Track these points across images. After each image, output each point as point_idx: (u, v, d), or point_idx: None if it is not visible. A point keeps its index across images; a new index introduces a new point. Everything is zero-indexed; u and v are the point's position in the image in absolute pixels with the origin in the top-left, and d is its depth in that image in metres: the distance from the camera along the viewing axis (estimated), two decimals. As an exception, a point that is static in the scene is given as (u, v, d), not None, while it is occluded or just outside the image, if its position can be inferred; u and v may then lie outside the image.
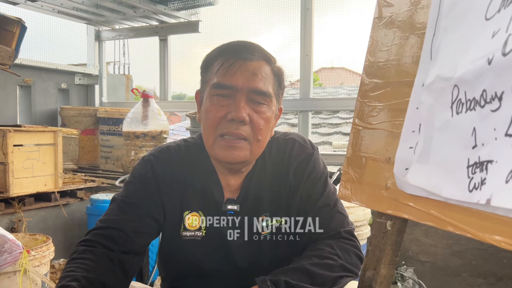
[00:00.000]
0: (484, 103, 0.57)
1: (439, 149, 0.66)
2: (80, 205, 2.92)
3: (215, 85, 1.12)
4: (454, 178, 0.62)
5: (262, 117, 1.12)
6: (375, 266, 0.78)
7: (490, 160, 0.56)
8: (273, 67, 1.16)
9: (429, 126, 0.69)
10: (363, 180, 0.82)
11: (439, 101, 0.67)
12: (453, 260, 2.73)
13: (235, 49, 1.14)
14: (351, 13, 3.33)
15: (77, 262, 1.06)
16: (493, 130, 0.55)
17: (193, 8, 3.81)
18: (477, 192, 0.57)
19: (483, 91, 0.57)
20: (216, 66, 1.13)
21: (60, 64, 4.09)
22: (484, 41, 0.57)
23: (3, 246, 1.82)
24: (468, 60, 0.61)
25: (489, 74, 0.55)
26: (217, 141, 1.11)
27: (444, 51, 0.68)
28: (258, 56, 1.13)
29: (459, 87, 0.63)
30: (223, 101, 1.11)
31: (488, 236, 0.54)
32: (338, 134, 4.59)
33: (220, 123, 1.10)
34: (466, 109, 0.61)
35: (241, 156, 1.11)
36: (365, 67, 0.87)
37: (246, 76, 1.10)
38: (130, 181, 1.22)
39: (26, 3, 3.44)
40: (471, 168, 0.59)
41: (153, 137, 3.26)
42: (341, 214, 1.21)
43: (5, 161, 2.46)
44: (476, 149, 0.58)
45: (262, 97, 1.11)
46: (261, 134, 1.12)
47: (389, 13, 0.83)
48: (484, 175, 0.57)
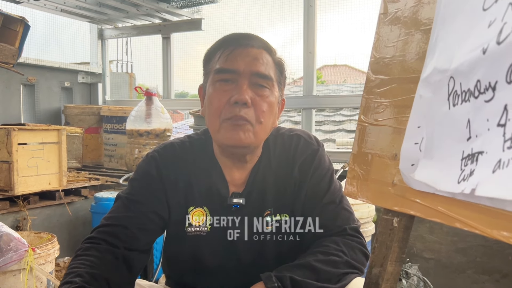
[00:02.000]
0: (478, 93, 0.56)
1: (440, 143, 0.66)
2: (84, 203, 2.93)
3: (217, 70, 1.13)
4: (449, 171, 0.62)
5: (265, 101, 1.13)
6: (382, 263, 0.78)
7: (481, 151, 0.55)
8: (274, 57, 1.17)
9: (430, 120, 0.68)
10: (369, 177, 0.82)
11: (437, 94, 0.67)
12: (457, 257, 2.73)
13: (236, 38, 1.16)
14: (354, 10, 3.32)
15: (81, 259, 1.06)
16: (486, 121, 0.54)
17: (195, 6, 3.81)
18: (464, 183, 0.57)
19: (477, 82, 0.56)
20: (217, 55, 1.15)
21: (64, 62, 4.09)
22: (481, 32, 0.57)
23: (9, 244, 1.82)
24: (464, 51, 0.60)
25: (484, 63, 0.55)
26: (222, 125, 1.12)
27: (441, 43, 0.68)
28: (258, 44, 1.15)
29: (455, 78, 0.62)
30: (225, 86, 1.12)
31: (496, 232, 0.54)
32: (342, 132, 4.58)
33: (224, 108, 1.11)
34: (461, 101, 0.60)
35: (246, 138, 1.11)
36: (370, 63, 0.87)
37: (247, 60, 1.12)
38: (135, 178, 1.22)
39: (29, 2, 3.44)
40: (464, 161, 0.58)
41: (157, 135, 3.26)
42: (347, 211, 1.20)
43: (10, 159, 2.47)
44: (470, 141, 0.58)
45: (264, 80, 1.13)
46: (263, 116, 1.12)
47: (394, 9, 0.83)
48: (474, 166, 0.56)
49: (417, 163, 0.70)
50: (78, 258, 1.07)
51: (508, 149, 0.50)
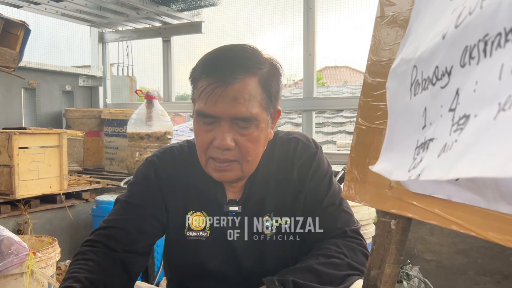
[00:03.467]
0: (436, 80, 0.55)
1: (399, 135, 0.65)
2: (85, 207, 2.93)
3: (198, 113, 1.09)
4: (403, 160, 0.61)
5: (249, 139, 1.08)
6: (380, 265, 0.78)
7: (432, 138, 0.54)
8: (260, 77, 1.08)
9: (392, 112, 0.68)
10: (367, 180, 0.82)
11: (401, 85, 0.66)
12: (458, 259, 2.72)
13: (217, 69, 1.06)
14: (354, 12, 3.32)
15: (80, 263, 1.07)
16: (440, 107, 0.54)
17: (196, 9, 3.81)
18: (412, 170, 0.56)
19: (436, 68, 0.55)
20: (199, 87, 1.08)
21: (64, 66, 4.11)
22: (444, 19, 0.56)
23: (10, 248, 1.83)
24: (428, 39, 0.59)
25: (442, 49, 0.54)
26: (208, 162, 1.11)
27: (412, 35, 0.68)
28: (240, 75, 1.05)
29: (417, 67, 0.61)
30: (208, 127, 1.08)
31: (492, 235, 0.54)
32: (342, 133, 4.58)
33: (208, 147, 1.09)
34: (421, 90, 0.60)
35: (232, 176, 1.11)
36: (367, 66, 0.87)
37: (227, 103, 1.04)
38: (134, 182, 1.23)
39: (29, 6, 3.46)
40: (417, 150, 0.58)
41: (157, 138, 3.27)
42: (347, 213, 1.20)
43: (11, 163, 2.47)
44: (425, 129, 0.57)
45: (246, 122, 1.07)
46: (250, 155, 1.10)
47: (391, 12, 0.83)
48: (424, 154, 0.55)
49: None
50: (76, 262, 1.08)
51: (454, 132, 0.49)
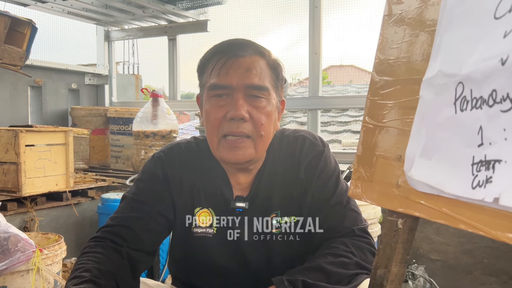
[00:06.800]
0: (493, 102, 0.57)
1: (442, 145, 0.66)
2: (91, 204, 2.95)
3: (210, 86, 1.11)
4: (457, 174, 0.62)
5: (263, 112, 1.10)
6: (386, 264, 0.78)
7: (498, 159, 0.56)
8: (268, 60, 1.14)
9: (431, 121, 0.69)
10: (374, 178, 0.82)
11: (440, 97, 0.67)
12: (464, 259, 2.71)
13: (227, 48, 1.13)
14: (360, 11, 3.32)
15: (88, 255, 1.07)
16: (503, 130, 0.55)
17: (201, 7, 3.82)
18: (481, 189, 0.57)
19: (493, 91, 0.57)
20: (210, 67, 1.12)
21: (70, 64, 4.12)
22: (495, 41, 0.57)
23: (16, 245, 1.84)
24: (477, 59, 0.60)
25: (502, 74, 0.55)
26: (221, 142, 1.11)
27: (446, 46, 0.68)
28: (250, 51, 1.11)
29: (464, 84, 0.62)
30: (221, 101, 1.10)
31: (501, 234, 0.54)
32: (348, 132, 4.58)
33: (221, 123, 1.09)
34: (471, 107, 0.61)
35: (246, 155, 1.11)
36: (375, 65, 0.87)
37: (239, 73, 1.08)
38: (140, 179, 1.22)
39: (36, 5, 3.47)
40: (476, 166, 0.59)
41: (163, 137, 3.28)
42: (354, 211, 1.20)
43: (17, 161, 2.49)
44: (483, 148, 0.58)
45: (259, 91, 1.10)
46: (263, 129, 1.11)
47: (399, 10, 0.83)
48: (490, 173, 0.56)
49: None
50: (85, 255, 1.08)
51: None
